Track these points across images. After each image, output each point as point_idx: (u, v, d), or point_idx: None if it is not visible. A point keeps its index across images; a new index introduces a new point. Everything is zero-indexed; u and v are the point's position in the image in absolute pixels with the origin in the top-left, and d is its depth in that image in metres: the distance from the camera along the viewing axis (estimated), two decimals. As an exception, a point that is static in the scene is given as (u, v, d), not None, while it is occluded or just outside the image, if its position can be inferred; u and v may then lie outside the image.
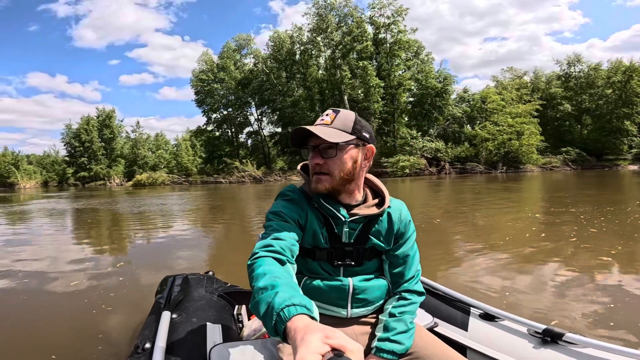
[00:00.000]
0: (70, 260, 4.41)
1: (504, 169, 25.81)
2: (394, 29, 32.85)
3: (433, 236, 5.16)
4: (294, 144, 1.02)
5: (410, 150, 27.54)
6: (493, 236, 4.99)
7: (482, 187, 14.77)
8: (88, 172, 45.23)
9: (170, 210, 10.67)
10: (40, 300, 3.03)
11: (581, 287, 2.82)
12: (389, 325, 1.02)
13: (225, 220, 8.52)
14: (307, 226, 1.02)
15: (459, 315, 1.42)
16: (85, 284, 3.38)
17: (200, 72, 39.59)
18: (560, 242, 4.31)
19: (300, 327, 0.55)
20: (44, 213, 11.23)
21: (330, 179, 0.99)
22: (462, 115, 29.22)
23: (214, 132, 42.09)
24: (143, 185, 33.86)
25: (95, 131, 46.09)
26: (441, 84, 29.86)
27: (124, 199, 16.71)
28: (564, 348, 1.14)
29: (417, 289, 1.10)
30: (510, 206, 8.53)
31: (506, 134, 25.82)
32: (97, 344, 2.10)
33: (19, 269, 4.05)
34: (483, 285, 2.95)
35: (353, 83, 31.82)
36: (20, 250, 5.26)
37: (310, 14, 33.71)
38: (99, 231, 7.23)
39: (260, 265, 0.77)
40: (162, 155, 48.40)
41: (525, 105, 28.29)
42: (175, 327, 1.31)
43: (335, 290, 1.03)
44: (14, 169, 45.06)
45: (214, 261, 4.41)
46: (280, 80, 35.09)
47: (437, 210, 8.16)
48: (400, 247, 1.10)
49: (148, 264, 4.18)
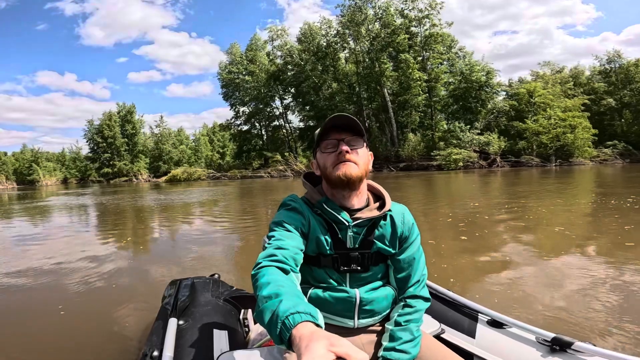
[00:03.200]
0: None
1: (558, 163, 25.63)
2: (426, 22, 32.52)
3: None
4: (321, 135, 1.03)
5: (458, 144, 27.22)
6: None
7: (557, 182, 14.38)
8: (111, 169, 44.39)
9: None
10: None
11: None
12: (395, 335, 1.02)
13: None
14: (310, 234, 1.02)
15: (466, 322, 1.39)
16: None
17: (229, 65, 38.87)
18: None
19: (305, 335, 0.54)
20: (121, 208, 10.72)
21: (357, 168, 1.00)
22: (510, 108, 28.94)
23: (241, 126, 41.43)
24: (178, 180, 33.18)
25: (117, 127, 45.22)
26: (485, 77, 29.58)
27: (181, 194, 16.20)
28: (573, 357, 1.12)
29: (423, 295, 1.10)
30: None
31: (560, 127, 25.62)
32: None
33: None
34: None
35: (393, 76, 31.41)
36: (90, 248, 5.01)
37: (345, 6, 33.20)
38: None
39: (264, 274, 0.77)
40: (185, 150, 47.72)
41: (572, 99, 28.11)
42: (182, 334, 1.31)
43: (342, 303, 1.03)
44: (36, 166, 43.95)
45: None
46: (315, 72, 34.54)
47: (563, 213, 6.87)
48: (405, 251, 1.09)
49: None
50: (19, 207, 13.92)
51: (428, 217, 6.48)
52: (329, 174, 1.02)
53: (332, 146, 1.02)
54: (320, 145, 1.05)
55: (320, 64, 34.51)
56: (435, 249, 4.09)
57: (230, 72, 38.17)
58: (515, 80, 36.21)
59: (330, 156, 1.02)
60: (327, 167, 1.02)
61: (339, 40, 34.48)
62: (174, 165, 44.81)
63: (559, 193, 9.43)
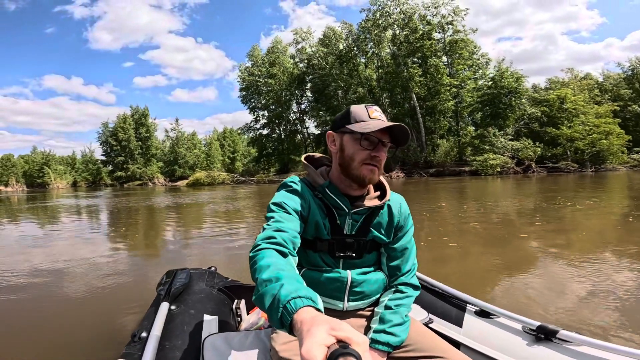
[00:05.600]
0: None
1: (593, 168, 25.69)
2: (449, 28, 32.68)
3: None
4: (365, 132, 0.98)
5: (491, 149, 27.14)
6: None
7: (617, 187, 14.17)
8: (125, 172, 43.46)
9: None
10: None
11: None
12: (385, 318, 1.03)
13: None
14: (310, 217, 1.02)
15: (454, 312, 1.41)
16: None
17: (252, 67, 38.49)
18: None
19: (306, 319, 0.55)
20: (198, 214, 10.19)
21: (379, 172, 1.02)
22: (541, 114, 29.02)
23: (260, 130, 40.95)
24: (201, 184, 32.46)
25: (131, 129, 44.39)
26: (515, 84, 29.66)
27: (235, 201, 15.62)
28: (558, 346, 1.14)
29: (413, 283, 1.11)
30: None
31: (596, 133, 25.72)
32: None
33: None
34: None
35: (422, 81, 31.34)
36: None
37: (372, 10, 33.16)
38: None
39: (263, 257, 0.76)
40: (200, 154, 47.05)
41: (601, 106, 28.32)
42: (173, 317, 1.32)
43: (333, 283, 1.04)
44: (47, 168, 42.76)
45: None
46: (341, 76, 34.34)
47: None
48: (399, 240, 1.11)
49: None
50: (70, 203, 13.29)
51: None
52: (352, 168, 1.00)
53: (372, 144, 0.98)
54: (358, 135, 0.98)
55: (346, 68, 34.36)
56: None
57: (252, 74, 37.78)
58: (539, 83, 36.55)
59: (363, 152, 0.98)
60: (354, 159, 0.99)
61: (361, 44, 34.43)
62: (189, 169, 44.09)
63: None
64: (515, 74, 30.07)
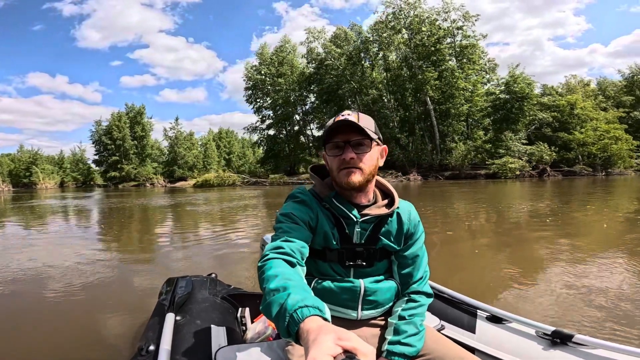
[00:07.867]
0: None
1: (604, 172, 26.63)
2: (459, 33, 33.16)
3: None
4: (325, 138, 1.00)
5: (506, 153, 27.62)
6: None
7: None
8: (119, 172, 41.27)
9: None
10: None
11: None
12: (400, 328, 1.02)
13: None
14: (318, 227, 1.02)
15: (465, 318, 1.41)
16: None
17: (260, 65, 37.46)
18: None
19: (313, 328, 0.55)
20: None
21: (361, 173, 0.98)
22: (553, 120, 29.82)
23: (266, 130, 39.95)
24: (211, 185, 31.20)
25: (127, 128, 42.25)
26: (528, 89, 30.35)
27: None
28: (574, 349, 1.13)
29: (426, 291, 1.10)
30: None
31: (607, 138, 26.68)
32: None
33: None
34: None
35: (437, 84, 31.49)
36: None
37: (385, 13, 33.09)
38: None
39: (271, 267, 0.77)
40: (199, 155, 45.49)
41: (607, 112, 29.44)
42: (180, 329, 1.30)
43: (346, 292, 1.03)
44: (35, 168, 39.89)
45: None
46: (354, 77, 34.00)
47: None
48: (410, 248, 1.10)
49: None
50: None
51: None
52: (334, 177, 1.01)
53: (338, 149, 0.98)
54: (327, 145, 1.00)
55: (359, 70, 34.07)
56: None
57: (260, 73, 36.78)
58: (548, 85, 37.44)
59: (335, 159, 0.99)
60: (332, 169, 1.01)
61: (371, 47, 34.28)
62: (188, 170, 42.48)
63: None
64: (526, 79, 30.81)
